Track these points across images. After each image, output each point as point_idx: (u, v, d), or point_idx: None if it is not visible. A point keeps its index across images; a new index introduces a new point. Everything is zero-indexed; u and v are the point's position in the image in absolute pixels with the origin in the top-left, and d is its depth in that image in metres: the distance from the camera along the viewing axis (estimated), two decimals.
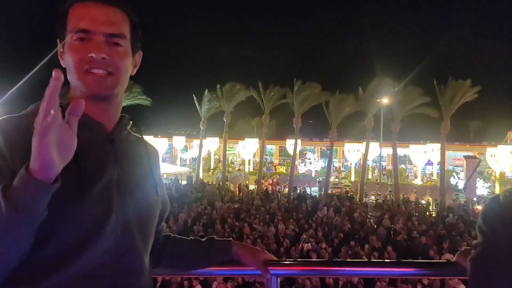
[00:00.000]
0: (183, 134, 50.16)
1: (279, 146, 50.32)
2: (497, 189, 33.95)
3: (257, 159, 40.84)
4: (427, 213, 22.74)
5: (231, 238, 1.53)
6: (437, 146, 30.58)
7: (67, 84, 1.15)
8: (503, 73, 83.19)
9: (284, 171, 42.28)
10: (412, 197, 26.22)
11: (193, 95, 33.32)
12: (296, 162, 34.85)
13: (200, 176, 34.37)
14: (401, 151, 34.58)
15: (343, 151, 39.68)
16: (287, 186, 29.23)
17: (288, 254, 13.41)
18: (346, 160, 41.50)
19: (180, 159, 48.04)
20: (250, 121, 57.62)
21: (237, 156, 49.02)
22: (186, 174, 35.53)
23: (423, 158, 35.64)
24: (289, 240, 14.76)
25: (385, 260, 1.58)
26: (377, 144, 34.37)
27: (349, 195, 27.24)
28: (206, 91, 32.61)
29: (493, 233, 1.06)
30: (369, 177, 37.36)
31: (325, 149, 44.68)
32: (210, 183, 31.68)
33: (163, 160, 44.43)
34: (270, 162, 50.15)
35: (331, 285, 10.08)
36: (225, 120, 33.30)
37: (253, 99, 32.03)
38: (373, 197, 27.66)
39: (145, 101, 29.70)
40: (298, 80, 28.81)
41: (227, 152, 37.75)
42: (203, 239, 1.52)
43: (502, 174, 36.46)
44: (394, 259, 13.31)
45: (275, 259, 1.50)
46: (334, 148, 32.60)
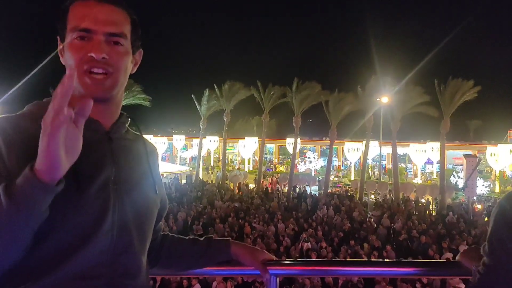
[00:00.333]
0: (183, 133, 50.09)
1: (279, 145, 50.32)
2: (497, 188, 33.97)
3: (257, 158, 40.83)
4: (427, 212, 22.73)
5: (230, 238, 1.52)
6: (437, 145, 30.56)
7: None
8: (503, 72, 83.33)
9: (284, 170, 42.28)
10: (412, 196, 26.18)
11: (192, 95, 33.36)
12: (296, 161, 34.83)
13: (200, 175, 34.37)
14: (401, 150, 34.57)
15: (343, 150, 39.68)
16: (287, 185, 29.23)
17: (288, 253, 13.41)
18: (346, 159, 41.50)
19: (180, 158, 48.03)
20: (250, 120, 57.61)
21: (237, 155, 49.02)
22: (186, 173, 35.52)
23: (423, 157, 35.64)
24: (290, 239, 14.76)
25: (386, 260, 1.56)
26: (377, 143, 34.35)
27: (349, 194, 27.22)
28: (207, 91, 32.59)
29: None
30: (369, 176, 37.33)
31: (325, 148, 44.69)
32: (210, 182, 31.69)
33: (163, 159, 44.41)
34: (270, 161, 50.13)
35: (331, 284, 10.08)
36: (225, 119, 33.29)
37: (253, 98, 32.04)
38: (373, 196, 27.64)
39: (145, 100, 29.69)
40: (298, 79, 28.82)
41: (227, 151, 37.76)
42: (202, 239, 1.51)
43: (502, 173, 36.46)
44: (394, 259, 13.32)
45: (274, 259, 1.48)
46: (334, 147, 32.58)
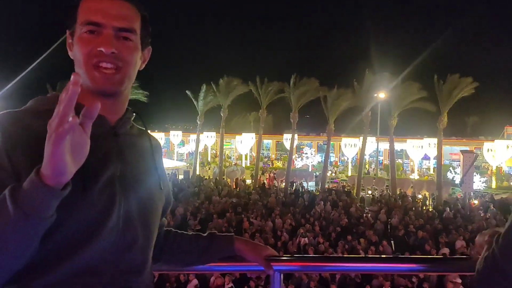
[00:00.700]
0: (180, 129, 50.01)
1: (276, 141, 50.32)
2: (494, 184, 34.12)
3: (254, 154, 40.82)
4: (424, 208, 22.81)
5: (233, 234, 1.50)
6: (434, 141, 30.62)
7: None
8: (500, 69, 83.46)
9: (281, 166, 42.30)
10: (409, 192, 26.27)
11: (187, 91, 33.31)
12: (293, 157, 34.84)
13: (197, 171, 34.35)
14: (398, 146, 34.61)
15: (340, 146, 39.73)
16: (284, 181, 29.27)
17: (286, 248, 13.45)
18: (343, 155, 41.55)
19: (177, 154, 47.97)
20: (247, 116, 57.53)
21: (234, 151, 48.99)
22: (183, 169, 35.51)
23: (420, 153, 35.71)
24: (287, 234, 14.79)
25: (389, 256, 1.54)
26: (374, 139, 34.41)
27: (346, 190, 27.29)
28: (204, 86, 32.53)
29: None
30: (366, 172, 37.41)
31: (322, 144, 44.70)
32: (207, 178, 31.68)
33: None
34: (267, 157, 50.15)
35: (328, 278, 10.11)
36: (222, 115, 33.25)
37: (250, 94, 31.99)
38: (370, 192, 27.70)
39: (142, 96, 29.58)
40: (296, 75, 28.78)
41: (224, 147, 37.72)
42: (205, 234, 1.50)
43: (499, 169, 36.64)
44: (390, 254, 13.37)
45: (278, 255, 1.47)
46: (331, 143, 32.60)
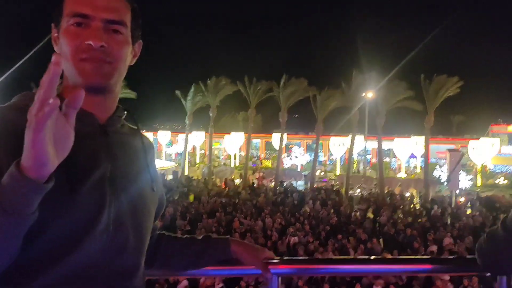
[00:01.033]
0: (168, 129, 49.74)
1: (265, 140, 50.32)
2: (479, 182, 34.58)
3: (243, 153, 40.82)
4: (412, 206, 23.03)
5: (229, 236, 1.46)
6: (421, 140, 30.92)
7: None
8: (485, 68, 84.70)
9: (270, 165, 42.32)
10: (397, 190, 26.49)
11: (176, 91, 33.15)
12: (282, 156, 34.89)
13: (186, 171, 34.20)
14: (386, 145, 34.86)
15: (329, 145, 39.89)
16: (273, 180, 29.30)
17: (276, 248, 13.44)
18: (332, 154, 41.73)
19: (166, 154, 47.71)
20: (236, 115, 57.46)
21: (223, 151, 48.88)
22: (172, 169, 35.32)
23: (407, 151, 36.04)
24: (277, 234, 14.79)
25: (389, 257, 1.52)
26: (362, 138, 34.61)
27: (335, 189, 27.42)
28: (193, 87, 32.43)
29: None
30: (356, 171, 37.63)
31: (311, 143, 44.82)
32: (196, 178, 31.58)
33: None
34: (256, 156, 50.12)
35: (318, 277, 10.11)
36: (211, 115, 33.16)
37: (239, 93, 31.99)
38: (359, 190, 27.88)
39: (130, 95, 29.32)
40: (285, 75, 28.84)
41: (213, 147, 37.63)
42: (200, 237, 1.45)
43: (484, 167, 37.13)
44: (379, 252, 13.47)
45: (276, 258, 1.43)
46: (320, 142, 32.72)
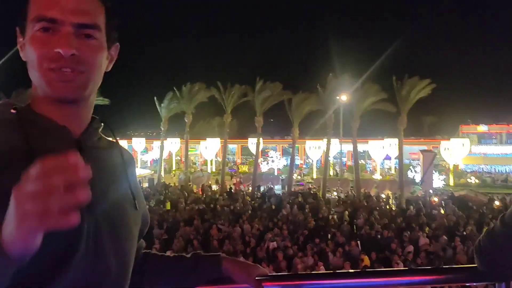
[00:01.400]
0: (143, 136, 49.09)
1: (241, 145, 50.27)
2: (451, 181, 35.40)
3: (219, 159, 40.61)
4: (388, 207, 23.33)
5: (220, 253, 1.39)
6: (395, 141, 31.46)
7: (29, 82, 0.99)
8: (455, 70, 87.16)
9: (247, 170, 42.27)
10: (373, 192, 26.82)
11: (155, 98, 32.85)
12: (259, 161, 34.92)
13: (162, 178, 33.81)
14: (361, 147, 35.33)
15: (305, 148, 40.15)
16: (251, 185, 29.26)
17: (255, 254, 13.37)
18: (308, 157, 42.00)
19: (141, 161, 47.04)
20: (211, 121, 57.25)
21: (199, 157, 48.57)
22: (147, 177, 34.85)
23: (382, 153, 36.60)
24: (255, 240, 14.72)
25: (394, 269, 1.45)
26: (338, 141, 34.98)
27: (312, 192, 27.55)
28: (170, 94, 32.21)
29: None
30: (331, 174, 37.94)
31: (287, 147, 45.02)
32: (173, 185, 31.23)
33: None
34: (233, 162, 50.00)
35: None
36: (186, 121, 32.93)
37: (215, 99, 31.89)
38: (336, 193, 28.11)
39: (103, 102, 28.77)
40: (260, 80, 28.90)
41: (189, 153, 37.35)
42: (188, 255, 1.37)
43: (456, 166, 38.07)
44: (358, 254, 13.56)
45: (270, 274, 1.37)
46: (296, 146, 32.89)
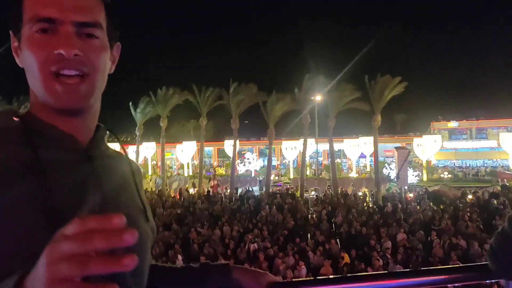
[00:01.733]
0: (116, 141, 48.17)
1: (218, 148, 50.05)
2: (425, 177, 36.17)
3: (196, 162, 40.30)
4: (365, 204, 23.62)
5: (229, 262, 1.36)
6: (369, 139, 31.90)
7: (27, 89, 0.92)
8: (426, 68, 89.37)
9: (224, 173, 42.11)
10: (350, 190, 27.10)
11: (130, 104, 32.40)
12: (236, 163, 34.82)
13: None
14: (336, 146, 35.74)
15: (281, 149, 40.28)
16: (228, 188, 29.15)
17: (236, 256, 13.32)
18: (284, 158, 42.15)
19: None
20: (186, 124, 56.79)
21: (175, 160, 48.09)
22: None
23: (357, 152, 37.08)
24: (235, 242, 14.68)
25: (407, 270, 1.41)
26: (314, 140, 35.25)
27: (290, 192, 27.65)
28: (146, 99, 31.84)
29: None
30: (308, 173, 38.20)
31: (263, 148, 45.09)
32: (150, 190, 30.80)
33: None
34: (209, 165, 49.71)
35: None
36: (162, 125, 32.59)
37: (190, 102, 31.66)
38: (314, 193, 28.28)
39: None
40: (234, 82, 28.84)
41: (165, 157, 36.95)
42: (196, 265, 1.33)
43: (428, 162, 38.98)
44: (338, 252, 13.66)
45: (281, 281, 1.35)
46: (272, 147, 32.95)
